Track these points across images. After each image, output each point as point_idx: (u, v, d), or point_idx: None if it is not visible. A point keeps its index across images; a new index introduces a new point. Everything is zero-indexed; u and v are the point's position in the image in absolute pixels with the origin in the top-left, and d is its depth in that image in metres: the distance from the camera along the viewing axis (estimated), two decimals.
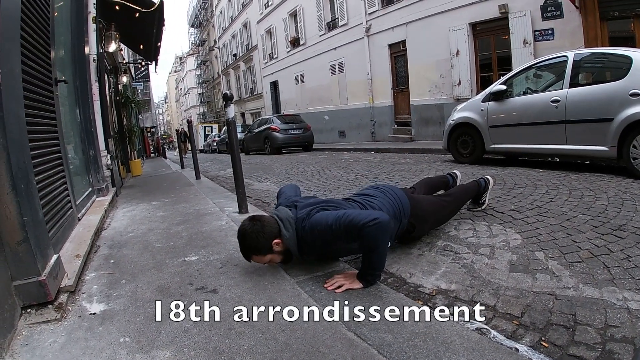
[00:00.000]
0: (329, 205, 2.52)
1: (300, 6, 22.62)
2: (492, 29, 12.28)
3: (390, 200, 2.73)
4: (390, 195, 2.78)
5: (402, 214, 2.74)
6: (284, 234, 2.43)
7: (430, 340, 1.65)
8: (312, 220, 2.37)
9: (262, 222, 2.45)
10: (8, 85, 2.06)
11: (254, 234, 2.40)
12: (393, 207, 2.69)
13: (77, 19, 5.42)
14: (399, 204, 2.75)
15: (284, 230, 2.43)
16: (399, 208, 2.73)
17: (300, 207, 2.55)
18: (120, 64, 12.90)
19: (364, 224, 2.14)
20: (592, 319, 1.88)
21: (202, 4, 46.52)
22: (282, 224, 2.45)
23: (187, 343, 1.76)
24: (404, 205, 2.77)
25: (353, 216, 2.21)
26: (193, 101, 63.04)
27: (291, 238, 2.43)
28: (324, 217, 2.34)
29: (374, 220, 2.13)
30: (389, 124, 16.86)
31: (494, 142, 6.89)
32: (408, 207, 2.80)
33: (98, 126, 6.07)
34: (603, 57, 5.84)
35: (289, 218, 2.47)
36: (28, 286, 2.02)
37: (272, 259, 2.48)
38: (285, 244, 2.45)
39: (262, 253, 2.43)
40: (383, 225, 2.15)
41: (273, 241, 2.41)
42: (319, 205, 2.52)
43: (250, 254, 2.46)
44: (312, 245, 2.44)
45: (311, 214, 2.42)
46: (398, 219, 2.71)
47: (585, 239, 2.86)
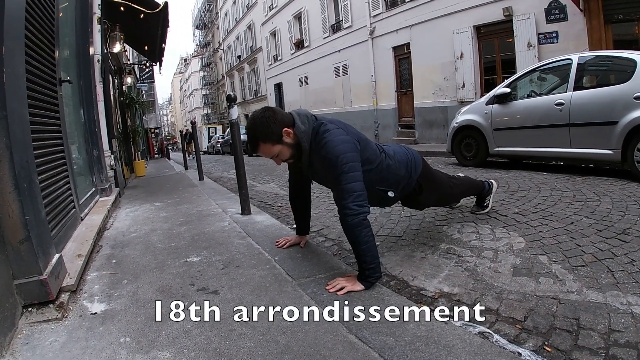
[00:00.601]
0: (356, 136, 2.43)
1: (304, 8, 22.66)
2: (496, 32, 12.25)
3: (404, 151, 2.78)
4: (405, 148, 2.84)
5: (412, 169, 2.76)
6: (298, 126, 2.35)
7: (432, 343, 1.64)
8: (326, 138, 2.29)
9: (274, 110, 2.39)
10: (12, 84, 2.06)
11: (265, 119, 2.32)
12: (406, 157, 2.74)
13: (82, 19, 5.44)
14: (412, 157, 2.79)
15: (300, 123, 2.36)
16: (411, 160, 2.76)
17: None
18: (124, 65, 12.94)
19: (345, 205, 2.18)
20: (595, 324, 1.87)
21: (206, 6, 46.65)
22: (297, 117, 2.38)
23: (187, 344, 1.75)
24: (416, 161, 2.80)
25: (347, 184, 2.20)
26: (197, 102, 63.12)
27: (306, 132, 2.36)
28: (336, 144, 2.26)
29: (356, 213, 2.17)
30: (392, 126, 16.84)
31: (497, 145, 6.88)
32: (420, 165, 2.82)
33: (102, 126, 6.08)
34: (607, 60, 5.84)
35: (308, 114, 2.43)
36: (29, 285, 2.02)
37: (281, 151, 2.39)
38: (297, 137, 2.37)
39: (271, 140, 2.34)
40: (360, 221, 2.18)
41: (284, 129, 2.34)
42: (340, 127, 2.41)
43: (258, 140, 2.35)
44: (315, 162, 2.40)
45: (328, 129, 2.34)
46: (408, 172, 2.73)
47: (589, 242, 2.85)
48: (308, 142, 2.37)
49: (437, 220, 3.75)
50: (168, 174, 11.42)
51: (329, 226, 3.94)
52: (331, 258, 2.83)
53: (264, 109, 2.41)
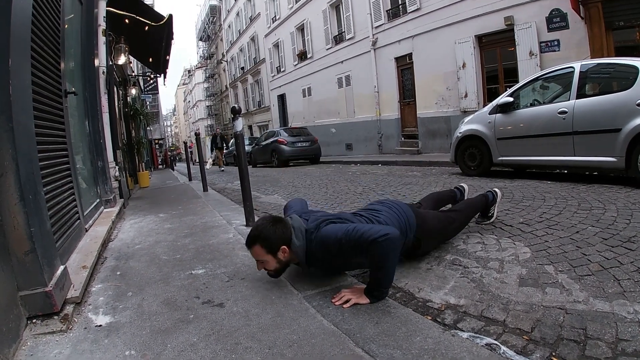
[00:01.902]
0: (337, 219, 2.51)
1: (307, 20, 22.77)
2: (497, 41, 12.28)
3: (396, 215, 2.72)
4: (397, 210, 2.77)
5: (408, 229, 2.72)
6: (294, 242, 2.41)
7: (439, 356, 1.63)
8: (322, 232, 2.36)
9: (284, 225, 2.44)
10: (18, 97, 2.07)
11: (274, 229, 2.39)
12: (399, 221, 2.68)
13: (87, 31, 5.49)
14: (405, 218, 2.74)
15: (295, 239, 2.42)
16: (405, 223, 2.71)
17: (309, 220, 2.54)
18: (129, 77, 13.02)
19: (374, 239, 2.12)
20: (603, 333, 1.85)
21: (210, 18, 46.96)
22: (293, 233, 2.44)
23: (193, 357, 1.74)
24: (410, 220, 2.75)
25: (363, 231, 2.19)
26: (201, 113, 63.36)
27: (301, 248, 2.41)
28: (334, 230, 2.33)
29: (385, 235, 2.12)
30: (396, 136, 16.86)
31: (501, 154, 6.87)
32: (414, 222, 2.78)
33: (107, 138, 6.11)
34: (609, 67, 5.83)
35: (301, 228, 2.46)
36: (34, 297, 2.02)
37: (268, 261, 2.43)
38: (291, 254, 2.43)
39: (267, 249, 2.39)
40: (393, 240, 2.14)
41: (282, 246, 2.39)
42: (328, 219, 2.51)
43: (257, 242, 2.40)
44: (319, 258, 2.42)
45: (320, 227, 2.40)
46: (404, 234, 2.67)
47: (595, 251, 2.82)
48: (304, 255, 2.44)
49: None
50: (172, 184, 11.44)
51: None
52: None
53: (279, 220, 2.51)
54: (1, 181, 1.94)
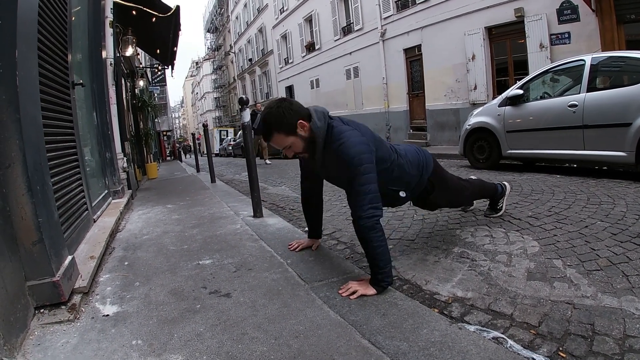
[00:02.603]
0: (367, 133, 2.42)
1: (315, 11, 22.70)
2: (508, 33, 12.17)
3: (415, 151, 2.79)
4: (416, 148, 2.85)
5: (424, 168, 2.76)
6: (314, 121, 2.33)
7: (446, 349, 1.62)
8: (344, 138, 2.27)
9: (291, 102, 2.37)
10: (25, 88, 2.08)
11: (281, 109, 2.30)
12: (417, 157, 2.74)
13: (95, 23, 5.49)
14: (423, 157, 2.80)
15: (316, 119, 2.33)
16: (422, 160, 2.77)
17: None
18: (137, 68, 13.04)
19: (358, 215, 2.17)
20: (610, 329, 1.84)
21: (218, 10, 46.94)
22: (314, 113, 2.35)
23: (199, 347, 1.75)
24: (427, 161, 2.81)
25: (363, 192, 2.18)
26: (209, 105, 63.50)
27: (322, 129, 2.33)
28: (353, 145, 2.24)
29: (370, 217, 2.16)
30: (404, 128, 16.81)
31: (510, 148, 6.82)
32: (431, 165, 2.83)
33: (115, 129, 6.13)
34: (620, 60, 5.76)
35: (325, 112, 2.40)
36: (42, 286, 2.03)
37: (294, 142, 2.36)
38: (312, 132, 2.35)
39: (285, 131, 2.31)
40: (374, 225, 2.17)
41: (299, 120, 2.31)
42: (356, 128, 2.40)
43: (272, 129, 2.32)
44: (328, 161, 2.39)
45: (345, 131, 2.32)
46: (420, 171, 2.73)
47: (604, 246, 2.80)
48: (322, 139, 2.35)
49: (450, 224, 3.72)
50: (180, 176, 11.48)
51: (341, 229, 3.92)
52: (343, 261, 2.81)
53: (280, 99, 2.40)
54: (9, 172, 1.94)
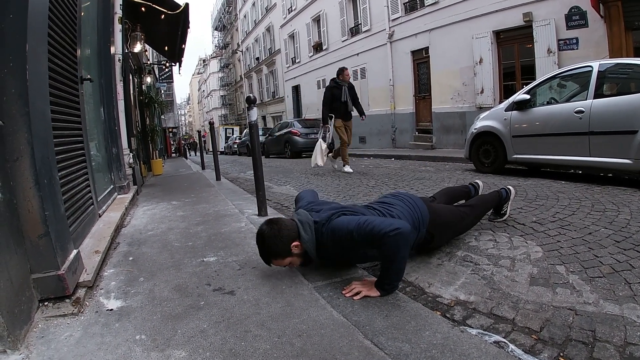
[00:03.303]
0: (349, 211, 2.50)
1: (323, 11, 22.71)
2: (516, 37, 12.16)
3: (409, 209, 2.70)
4: (410, 204, 2.75)
5: (420, 224, 2.71)
6: (302, 237, 2.42)
7: (447, 352, 1.62)
8: (333, 224, 2.36)
9: (280, 226, 2.45)
10: (34, 82, 2.08)
11: (273, 238, 2.40)
12: (412, 216, 2.66)
13: (104, 19, 5.51)
14: (418, 213, 2.72)
15: (303, 232, 2.42)
16: (418, 217, 2.69)
17: (320, 211, 2.54)
18: (144, 65, 13.06)
19: (385, 233, 2.11)
20: (611, 336, 1.84)
21: (226, 8, 47.03)
22: (301, 227, 2.44)
23: (202, 343, 1.75)
24: (423, 215, 2.74)
25: (375, 224, 2.18)
26: (215, 103, 63.56)
27: (310, 241, 2.41)
28: (344, 222, 2.32)
29: (396, 229, 2.10)
30: (410, 131, 16.79)
31: (516, 152, 6.81)
32: (427, 216, 2.76)
33: (121, 125, 6.15)
34: (628, 67, 5.73)
35: (309, 221, 2.46)
36: (47, 279, 2.04)
37: (292, 261, 2.47)
38: (302, 248, 2.44)
39: (282, 256, 2.42)
40: (404, 235, 2.12)
41: (292, 244, 2.40)
42: (339, 210, 2.51)
43: (270, 258, 2.46)
44: (330, 250, 2.42)
45: (332, 219, 2.40)
46: (417, 229, 2.67)
47: (607, 253, 2.79)
48: (314, 249, 2.44)
49: None
50: (185, 173, 11.50)
51: None
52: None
53: (269, 224, 2.49)
54: (16, 165, 1.95)
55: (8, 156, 1.92)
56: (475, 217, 3.38)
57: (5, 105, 1.93)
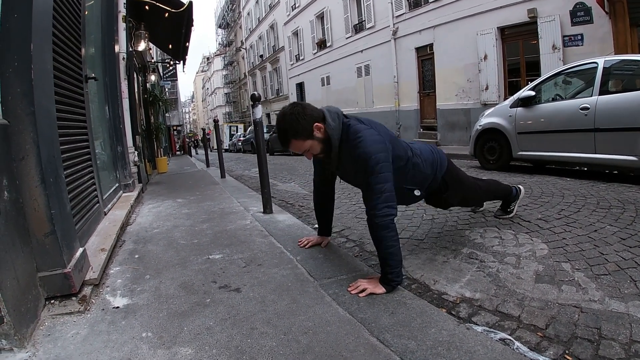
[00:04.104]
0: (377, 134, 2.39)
1: (327, 8, 22.68)
2: (520, 34, 12.10)
3: (429, 149, 2.80)
4: (430, 147, 2.87)
5: (438, 167, 2.78)
6: (329, 122, 2.33)
7: (453, 349, 1.62)
8: (359, 142, 2.26)
9: (304, 106, 2.36)
10: (40, 81, 2.09)
11: (295, 115, 2.30)
12: (432, 156, 2.75)
13: (108, 17, 5.52)
14: (438, 156, 2.82)
15: (330, 119, 2.34)
16: (437, 159, 2.79)
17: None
18: (148, 63, 13.09)
19: (374, 213, 2.16)
20: (617, 334, 1.83)
21: (229, 6, 47.04)
22: (328, 114, 2.36)
23: (209, 341, 1.76)
24: (442, 160, 2.83)
25: (380, 190, 2.18)
26: (219, 101, 63.61)
27: (336, 129, 2.34)
28: (370, 144, 2.25)
29: (387, 214, 2.15)
30: (414, 127, 16.76)
31: (521, 149, 6.78)
32: (445, 163, 2.86)
33: (126, 123, 6.17)
34: (633, 64, 5.69)
35: (339, 112, 2.41)
36: (53, 278, 2.05)
37: (312, 145, 2.37)
38: (328, 133, 2.35)
39: (302, 136, 2.32)
40: (389, 224, 2.17)
41: (315, 124, 2.32)
42: (371, 127, 2.40)
43: (289, 137, 2.34)
44: (346, 160, 2.39)
45: (362, 128, 2.32)
46: (434, 170, 2.75)
47: (613, 251, 2.78)
48: (338, 139, 2.35)
49: (460, 224, 3.71)
50: (190, 171, 11.52)
51: (350, 227, 3.93)
52: (353, 259, 2.81)
53: (293, 104, 2.39)
54: (22, 164, 1.96)
55: (14, 155, 1.93)
56: (485, 194, 3.44)
57: (11, 104, 1.94)
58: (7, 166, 1.87)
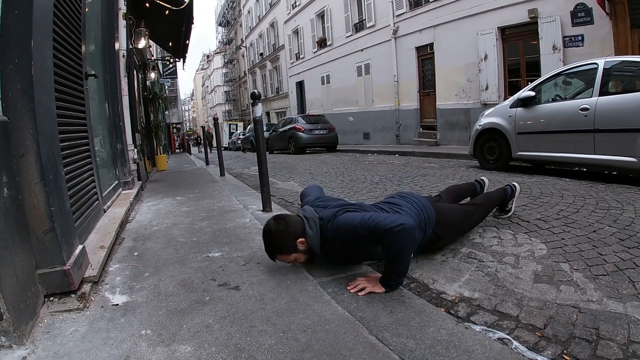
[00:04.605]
0: (355, 208, 2.51)
1: (327, 7, 22.65)
2: (521, 34, 12.09)
3: (416, 210, 2.68)
4: (417, 206, 2.73)
5: (427, 225, 2.70)
6: (307, 233, 2.42)
7: (452, 348, 1.63)
8: (338, 220, 2.36)
9: (287, 222, 2.47)
10: (40, 78, 2.09)
11: (279, 233, 2.42)
12: (419, 217, 2.65)
13: (108, 15, 5.51)
14: (425, 214, 2.71)
15: (308, 229, 2.43)
16: (424, 219, 2.69)
17: (327, 207, 2.56)
18: (148, 60, 13.08)
19: (389, 229, 2.10)
20: (615, 334, 1.83)
21: (230, 3, 46.95)
22: (307, 223, 2.45)
23: (208, 338, 1.76)
24: (429, 215, 2.73)
25: (379, 220, 2.18)
26: (219, 99, 63.53)
27: (315, 237, 2.43)
28: (349, 218, 2.33)
29: (400, 225, 2.10)
30: (414, 127, 16.75)
31: (520, 149, 6.78)
32: (433, 217, 2.76)
33: (126, 120, 6.16)
34: (633, 65, 5.69)
35: (314, 217, 2.47)
36: (52, 275, 2.05)
37: (296, 257, 2.49)
38: (307, 244, 2.45)
39: (287, 252, 2.45)
40: (408, 231, 2.12)
41: (297, 240, 2.42)
42: (345, 207, 2.53)
43: (275, 253, 2.49)
44: (335, 247, 2.42)
45: (337, 215, 2.41)
46: (423, 230, 2.67)
47: (611, 251, 2.78)
48: (318, 245, 2.46)
49: None
50: (189, 168, 11.52)
51: None
52: None
53: (276, 219, 2.53)
54: (22, 160, 1.96)
55: (14, 152, 1.93)
56: (481, 216, 3.38)
57: (11, 101, 1.94)
58: (6, 163, 1.87)
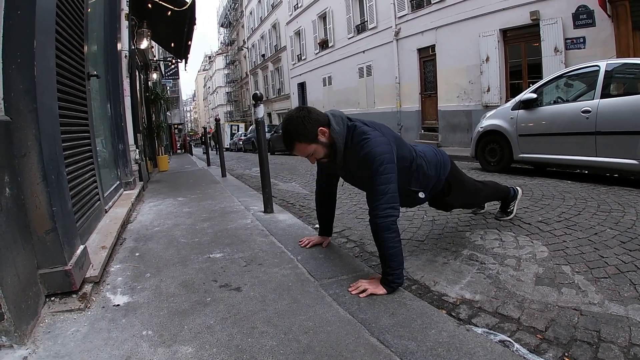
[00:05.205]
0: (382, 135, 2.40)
1: (329, 8, 22.67)
2: (522, 36, 12.08)
3: (433, 151, 2.84)
4: (434, 149, 2.91)
5: (441, 169, 2.82)
6: (333, 127, 2.35)
7: (453, 350, 1.62)
8: (363, 141, 2.29)
9: (310, 110, 2.39)
10: (42, 78, 2.09)
11: (300, 119, 2.32)
12: (435, 158, 2.80)
13: (110, 15, 5.52)
14: (441, 158, 2.86)
15: (334, 124, 2.36)
16: (440, 161, 2.83)
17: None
18: (150, 61, 13.09)
19: (375, 214, 2.17)
20: (616, 337, 1.83)
21: (232, 4, 47.00)
22: (333, 118, 2.38)
23: (209, 339, 1.76)
24: (445, 162, 2.87)
25: (383, 190, 2.18)
26: (220, 100, 63.62)
27: (340, 134, 2.35)
28: (375, 145, 2.26)
29: (388, 217, 2.15)
30: (415, 129, 16.74)
31: (522, 152, 6.77)
32: (448, 166, 2.90)
33: (128, 121, 6.16)
34: (635, 67, 5.68)
35: (343, 116, 2.42)
36: (53, 275, 2.05)
37: (316, 150, 2.38)
38: (332, 137, 2.37)
39: (307, 140, 2.33)
40: (390, 225, 2.16)
41: (319, 128, 2.33)
42: (375, 129, 2.41)
43: (294, 141, 2.35)
44: (351, 161, 2.40)
45: (367, 131, 2.34)
46: (437, 173, 2.78)
47: (613, 254, 2.78)
48: (343, 143, 2.37)
49: (460, 226, 3.72)
50: (190, 169, 11.52)
51: (350, 227, 3.93)
52: (353, 260, 2.81)
53: (299, 108, 2.41)
54: (24, 161, 1.96)
55: (16, 152, 1.93)
56: (486, 196, 3.51)
57: (13, 101, 1.94)
58: (9, 163, 1.87)
